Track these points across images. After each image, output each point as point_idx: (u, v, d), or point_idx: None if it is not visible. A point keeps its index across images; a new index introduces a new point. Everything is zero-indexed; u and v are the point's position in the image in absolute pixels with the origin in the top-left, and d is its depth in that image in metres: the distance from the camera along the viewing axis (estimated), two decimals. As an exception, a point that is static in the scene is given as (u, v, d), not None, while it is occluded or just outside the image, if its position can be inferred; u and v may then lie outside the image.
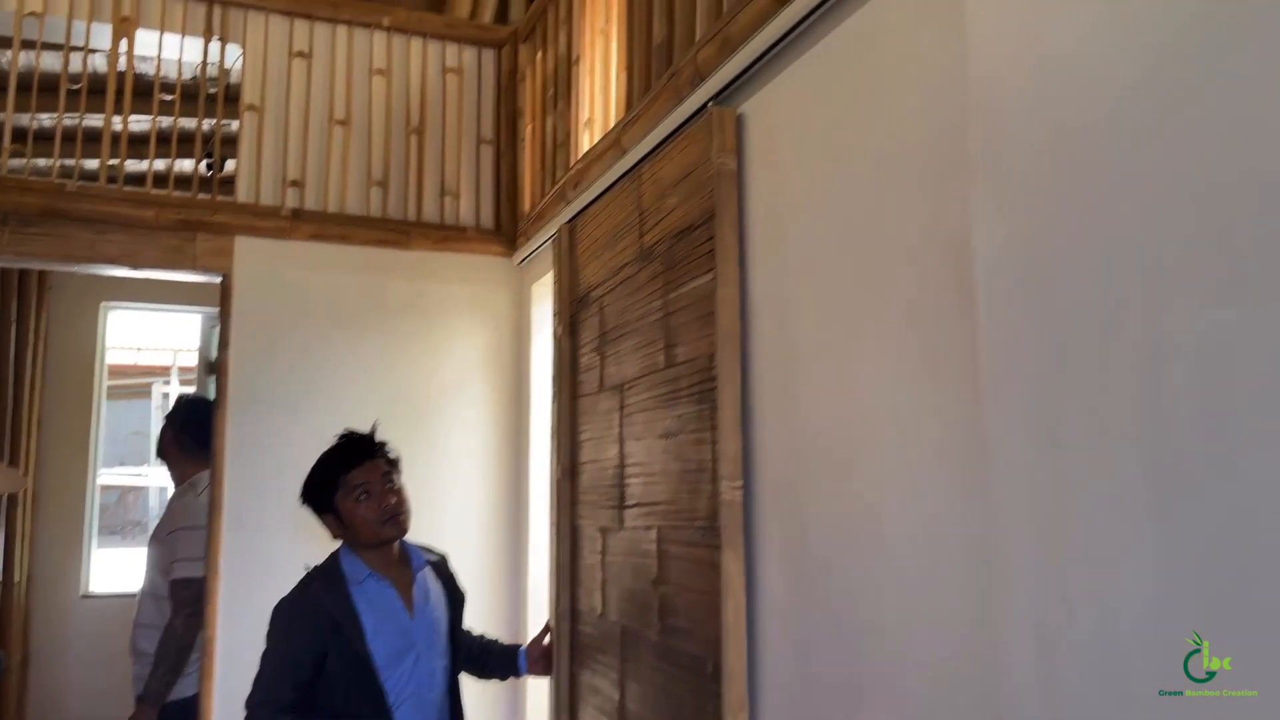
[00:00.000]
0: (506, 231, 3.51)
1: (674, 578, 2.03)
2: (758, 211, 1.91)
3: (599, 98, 2.81)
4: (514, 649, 2.51)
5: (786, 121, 1.84)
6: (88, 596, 5.04)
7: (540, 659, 2.53)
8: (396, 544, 2.19)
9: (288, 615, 2.16)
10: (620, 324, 2.41)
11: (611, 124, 2.62)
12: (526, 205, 3.42)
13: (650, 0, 2.37)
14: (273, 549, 3.01)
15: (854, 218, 1.59)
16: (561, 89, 3.11)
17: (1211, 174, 0.98)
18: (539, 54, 3.37)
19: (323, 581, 2.17)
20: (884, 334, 1.51)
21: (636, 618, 2.21)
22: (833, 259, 1.66)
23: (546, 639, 2.59)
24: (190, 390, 7.44)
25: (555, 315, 2.88)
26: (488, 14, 3.94)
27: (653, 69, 2.33)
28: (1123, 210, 1.07)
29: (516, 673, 2.50)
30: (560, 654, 2.62)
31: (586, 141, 2.87)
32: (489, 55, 3.64)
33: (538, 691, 3.03)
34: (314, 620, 2.11)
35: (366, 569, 2.14)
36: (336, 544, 2.21)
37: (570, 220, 2.84)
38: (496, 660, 2.48)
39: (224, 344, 3.18)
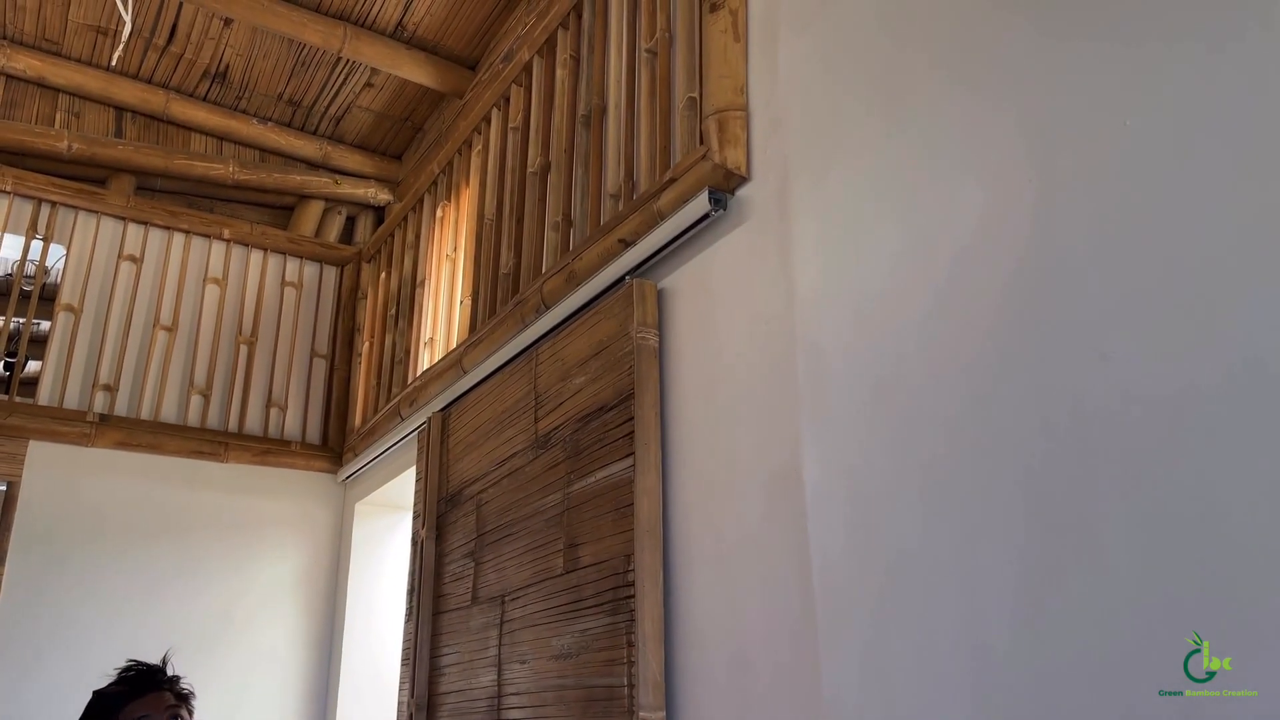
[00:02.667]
0: (334, 446, 3.53)
1: None
2: (680, 390, 1.79)
3: (442, 318, 2.97)
4: None
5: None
6: None
7: None
8: None
9: None
10: (504, 523, 2.16)
11: (454, 344, 2.76)
12: (358, 420, 3.47)
13: (498, 232, 2.58)
14: None
15: (722, 439, 1.66)
16: (404, 308, 3.27)
17: (1000, 405, 1.18)
18: (383, 274, 3.55)
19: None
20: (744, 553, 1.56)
21: None
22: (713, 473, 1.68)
23: None
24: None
25: (417, 517, 2.63)
26: (333, 233, 4.13)
27: (497, 295, 2.51)
28: (926, 437, 1.28)
29: None
30: None
31: (427, 360, 3.00)
32: (330, 272, 3.79)
33: None
34: None
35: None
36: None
37: (444, 409, 2.67)
38: None
39: (0, 558, 2.98)
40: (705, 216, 1.78)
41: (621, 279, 1.90)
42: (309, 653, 3.39)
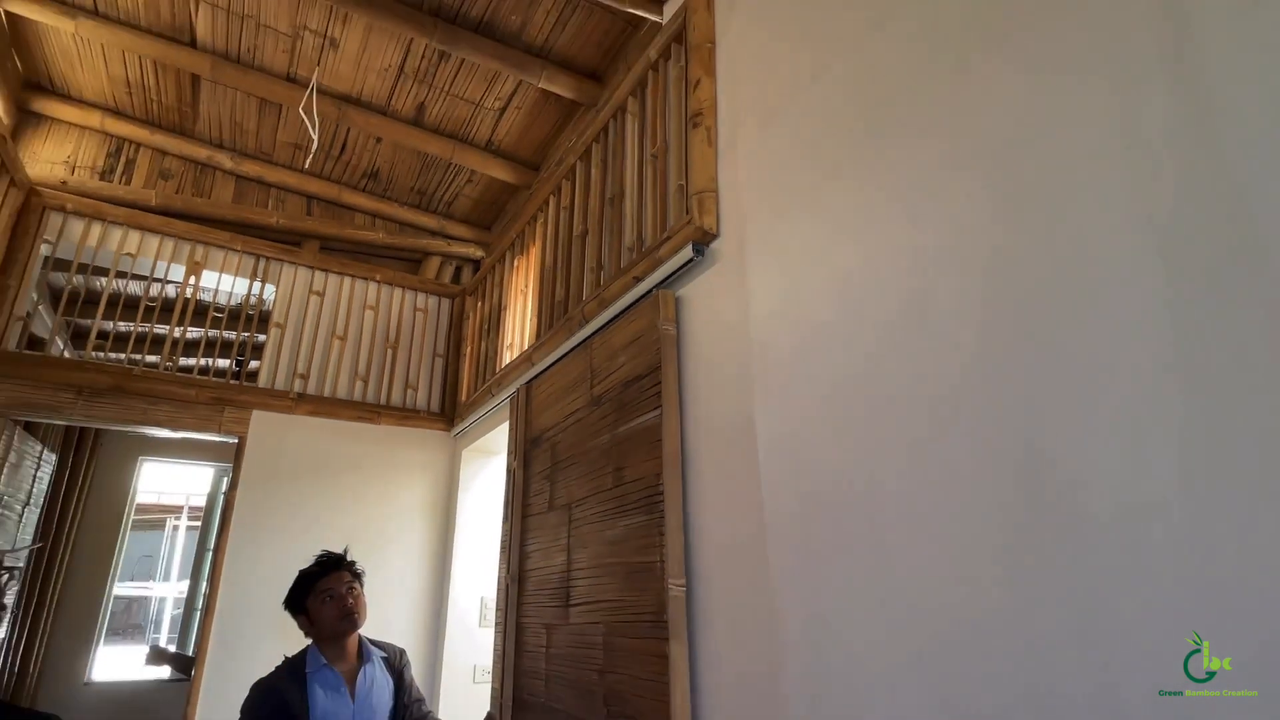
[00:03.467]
0: (448, 414, 3.53)
1: (620, 667, 1.65)
2: (689, 366, 1.74)
3: (517, 331, 2.96)
4: None
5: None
6: (89, 684, 4.32)
7: None
8: (355, 640, 1.99)
9: (255, 692, 1.95)
10: (570, 456, 2.11)
11: (525, 347, 2.75)
12: (463, 396, 3.46)
13: (554, 274, 2.56)
14: (255, 640, 2.71)
15: (714, 401, 1.62)
16: (492, 325, 3.26)
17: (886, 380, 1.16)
18: (479, 304, 3.54)
19: (287, 668, 1.97)
20: (721, 483, 1.52)
21: (582, 705, 1.79)
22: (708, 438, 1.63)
23: None
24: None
25: (509, 454, 2.56)
26: (446, 277, 4.13)
27: (554, 314, 2.49)
28: (843, 412, 1.26)
29: None
30: None
31: (507, 358, 2.99)
32: (445, 302, 3.79)
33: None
34: (273, 698, 1.90)
35: (322, 660, 1.95)
36: (307, 641, 2.01)
37: (526, 383, 2.58)
38: None
39: (234, 485, 2.99)
40: (690, 260, 1.75)
41: (647, 293, 1.87)
42: (433, 547, 3.38)
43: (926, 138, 1.19)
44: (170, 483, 9.25)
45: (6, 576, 1.36)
